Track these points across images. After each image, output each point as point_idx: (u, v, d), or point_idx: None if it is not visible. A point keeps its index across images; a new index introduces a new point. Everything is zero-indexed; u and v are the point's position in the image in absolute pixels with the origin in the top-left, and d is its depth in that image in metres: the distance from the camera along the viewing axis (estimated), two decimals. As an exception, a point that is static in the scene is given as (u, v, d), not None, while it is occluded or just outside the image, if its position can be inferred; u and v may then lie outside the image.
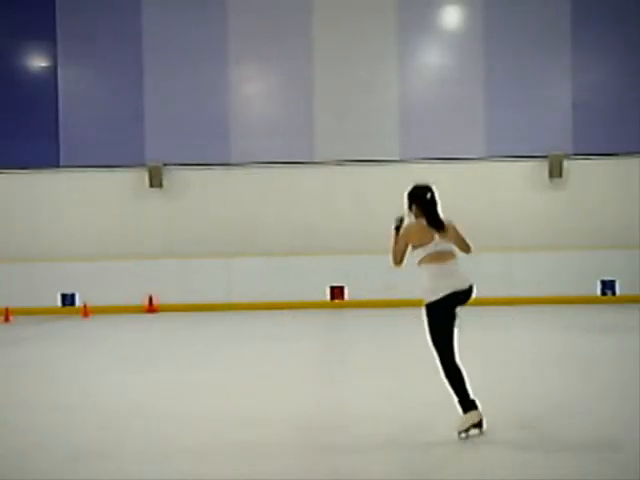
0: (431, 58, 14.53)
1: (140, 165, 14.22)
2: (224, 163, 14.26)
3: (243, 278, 13.80)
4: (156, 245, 14.15)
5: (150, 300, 13.58)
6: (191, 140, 14.16)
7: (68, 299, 13.82)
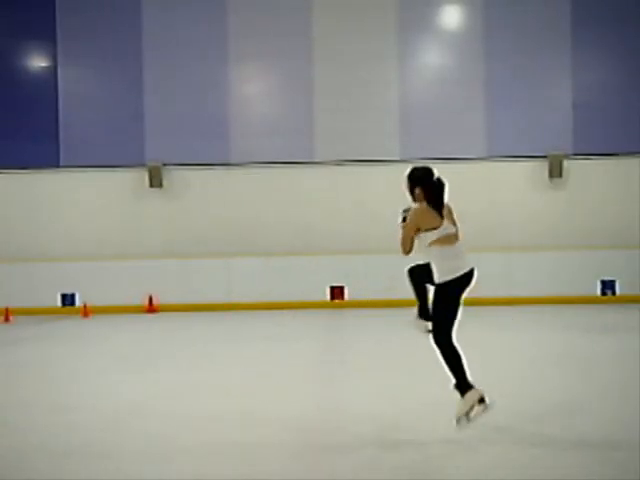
0: (431, 58, 14.53)
1: (140, 165, 14.22)
2: (224, 163, 14.26)
3: (243, 278, 13.81)
4: (156, 245, 14.17)
5: (150, 300, 13.58)
6: (191, 140, 14.17)
7: (68, 299, 13.82)
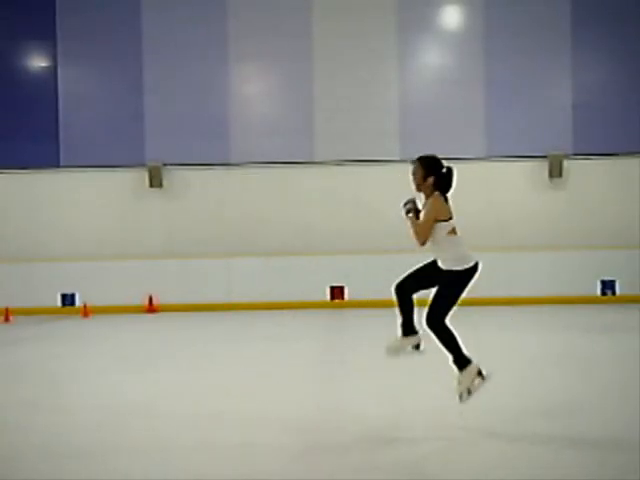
0: (431, 58, 14.53)
1: (140, 165, 14.22)
2: (224, 163, 14.26)
3: (243, 278, 13.81)
4: (156, 245, 14.16)
5: (150, 300, 13.58)
6: (191, 140, 14.16)
7: (68, 299, 13.82)
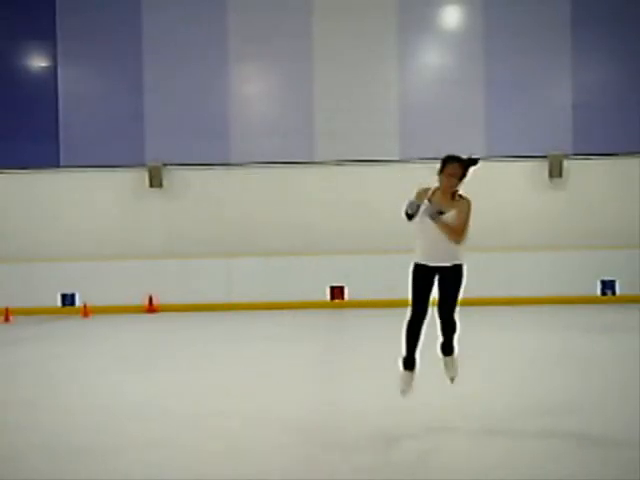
0: (431, 58, 14.52)
1: (140, 165, 14.21)
2: (224, 163, 14.26)
3: (243, 278, 13.80)
4: (156, 245, 14.16)
5: (150, 300, 13.58)
6: (191, 140, 14.16)
7: (68, 299, 13.82)
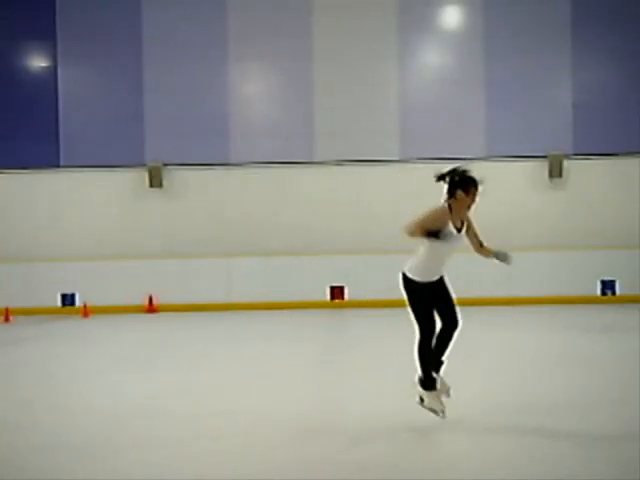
0: (431, 58, 14.53)
1: (140, 165, 14.22)
2: (224, 163, 14.26)
3: (243, 278, 13.81)
4: (156, 245, 14.16)
5: (150, 300, 13.58)
6: (191, 140, 14.17)
7: (68, 299, 13.82)
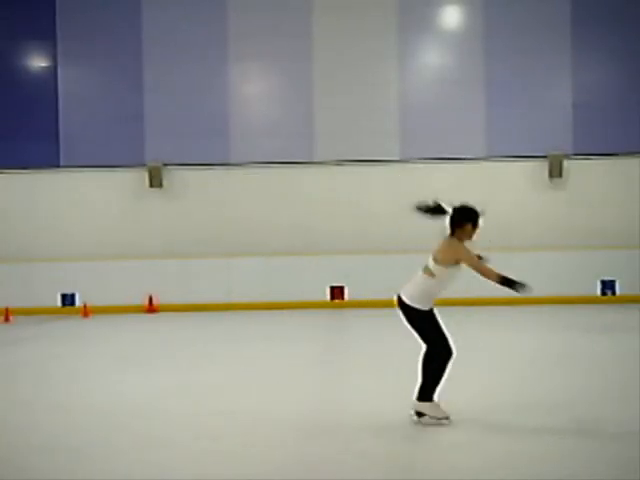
0: (431, 58, 14.53)
1: (140, 165, 14.22)
2: (224, 163, 14.26)
3: (243, 278, 13.80)
4: (156, 245, 14.16)
5: (150, 300, 13.58)
6: (191, 140, 14.17)
7: (68, 299, 13.82)
